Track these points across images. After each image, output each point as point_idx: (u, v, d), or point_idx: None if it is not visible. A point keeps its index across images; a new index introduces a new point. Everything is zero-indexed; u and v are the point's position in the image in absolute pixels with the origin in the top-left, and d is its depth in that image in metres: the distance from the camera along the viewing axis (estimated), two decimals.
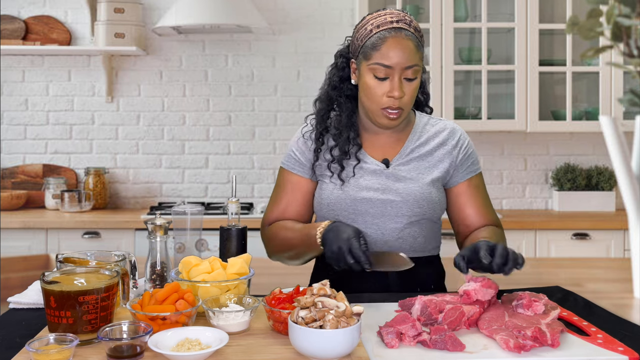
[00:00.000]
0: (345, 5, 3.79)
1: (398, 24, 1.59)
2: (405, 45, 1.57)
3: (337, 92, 1.72)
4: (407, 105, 1.61)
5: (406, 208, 1.65)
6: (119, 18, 3.60)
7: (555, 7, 3.68)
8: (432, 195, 1.67)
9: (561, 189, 3.69)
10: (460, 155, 1.71)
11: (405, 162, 1.69)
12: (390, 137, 1.71)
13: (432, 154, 1.70)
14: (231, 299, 1.35)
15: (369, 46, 1.59)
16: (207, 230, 1.84)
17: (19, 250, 3.24)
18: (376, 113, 1.63)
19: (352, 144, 1.68)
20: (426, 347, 1.19)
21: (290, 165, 1.74)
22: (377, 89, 1.59)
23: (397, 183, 1.66)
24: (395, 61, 1.56)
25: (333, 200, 1.67)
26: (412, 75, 1.59)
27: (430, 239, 1.72)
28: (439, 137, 1.72)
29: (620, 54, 1.10)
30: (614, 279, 1.89)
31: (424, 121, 1.75)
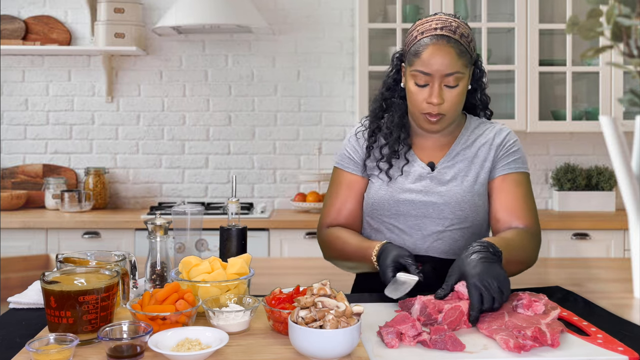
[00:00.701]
0: (345, 5, 3.79)
1: (442, 31, 1.59)
2: (446, 52, 1.57)
3: (391, 93, 1.75)
4: (448, 111, 1.62)
5: (448, 211, 1.65)
6: (119, 18, 3.60)
7: (555, 7, 3.68)
8: (475, 199, 1.66)
9: (561, 189, 3.69)
10: (501, 152, 1.69)
11: (450, 166, 1.69)
12: (439, 140, 1.73)
13: (477, 155, 1.69)
14: (231, 299, 1.35)
15: (412, 53, 1.61)
16: (207, 230, 1.84)
17: (19, 250, 3.24)
18: (418, 117, 1.65)
19: (402, 144, 1.70)
20: (426, 347, 1.19)
21: (344, 164, 1.77)
22: (418, 95, 1.61)
23: (440, 186, 1.67)
24: (434, 68, 1.57)
25: (377, 200, 1.70)
26: (454, 83, 1.59)
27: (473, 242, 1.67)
28: (484, 138, 1.71)
29: (620, 54, 1.10)
30: (614, 279, 1.89)
31: (474, 125, 1.75)
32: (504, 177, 1.67)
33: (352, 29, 3.76)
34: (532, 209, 1.67)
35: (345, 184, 1.76)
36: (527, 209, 1.65)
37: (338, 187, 1.77)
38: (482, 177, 1.68)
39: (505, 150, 1.69)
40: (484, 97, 1.77)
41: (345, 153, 1.78)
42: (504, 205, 1.65)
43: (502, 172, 1.68)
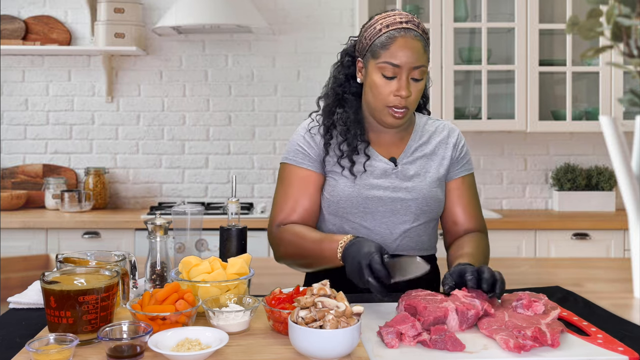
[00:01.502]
0: (345, 5, 3.79)
1: (407, 25, 1.61)
2: (413, 46, 1.59)
3: (343, 89, 1.73)
4: (412, 104, 1.63)
5: (415, 206, 1.67)
6: (119, 18, 3.60)
7: (555, 7, 3.68)
8: (438, 194, 1.70)
9: (561, 189, 3.69)
10: (457, 153, 1.74)
11: (411, 161, 1.70)
12: (394, 136, 1.73)
13: (435, 152, 1.73)
14: (231, 299, 1.35)
15: (378, 45, 1.61)
16: (207, 230, 1.84)
17: (19, 250, 3.24)
18: (382, 111, 1.64)
19: (360, 140, 1.69)
20: (426, 347, 1.19)
21: (298, 160, 1.70)
22: (385, 87, 1.61)
23: (406, 182, 1.68)
24: (404, 60, 1.58)
25: (344, 198, 1.66)
26: (419, 76, 1.61)
27: (432, 237, 1.76)
28: (439, 135, 1.75)
29: (620, 54, 1.10)
30: (614, 279, 1.89)
31: (423, 121, 1.78)
32: (462, 180, 1.74)
33: (352, 29, 3.76)
34: (480, 209, 1.78)
35: (298, 180, 1.69)
36: (479, 210, 1.76)
37: (290, 183, 1.69)
38: (442, 173, 1.72)
39: (459, 152, 1.75)
40: (425, 97, 1.82)
41: (299, 149, 1.71)
42: (462, 208, 1.73)
43: (460, 174, 1.74)
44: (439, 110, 3.47)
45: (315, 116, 1.76)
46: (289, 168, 1.71)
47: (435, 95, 3.47)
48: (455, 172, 1.74)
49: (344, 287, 1.39)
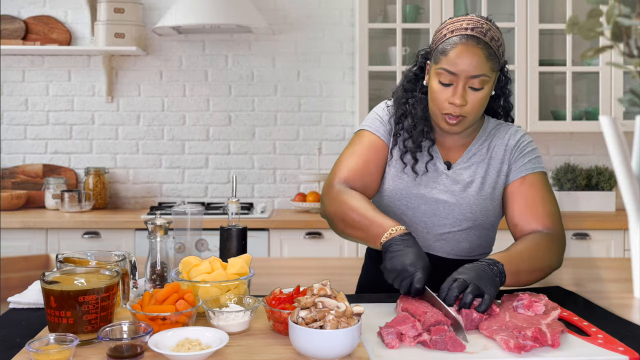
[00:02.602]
0: (345, 5, 3.79)
1: (472, 32, 1.56)
2: (474, 54, 1.53)
3: (412, 86, 1.70)
4: (469, 114, 1.58)
5: (458, 211, 1.64)
6: (119, 18, 3.60)
7: (555, 7, 3.68)
8: (487, 202, 1.65)
9: (561, 189, 3.69)
10: (516, 153, 1.67)
11: (466, 167, 1.67)
12: (457, 140, 1.69)
13: (492, 157, 1.67)
14: (231, 299, 1.35)
15: (440, 50, 1.58)
16: (207, 230, 1.84)
17: (19, 250, 3.24)
18: (438, 117, 1.61)
19: (426, 138, 1.66)
20: (426, 348, 1.19)
21: (374, 127, 1.69)
22: (441, 93, 1.57)
23: (455, 185, 1.65)
24: (460, 68, 1.54)
25: (393, 188, 1.66)
26: (479, 85, 1.55)
27: (476, 246, 1.69)
28: (500, 139, 1.69)
29: (620, 54, 1.10)
30: (614, 279, 1.89)
31: (492, 126, 1.72)
32: (522, 180, 1.64)
33: (352, 29, 3.76)
34: (551, 209, 1.63)
35: (371, 145, 1.67)
36: (546, 209, 1.62)
37: (361, 145, 1.67)
38: (499, 181, 1.66)
39: (520, 152, 1.66)
40: (506, 104, 1.74)
41: (378, 118, 1.70)
42: (522, 209, 1.62)
43: (519, 175, 1.65)
44: None
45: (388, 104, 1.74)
46: (364, 133, 1.70)
47: None
48: (514, 172, 1.66)
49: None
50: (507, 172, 1.67)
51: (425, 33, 3.65)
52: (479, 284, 1.34)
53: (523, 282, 1.52)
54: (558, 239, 1.61)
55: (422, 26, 3.53)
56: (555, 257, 1.59)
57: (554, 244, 1.59)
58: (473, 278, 1.35)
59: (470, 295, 1.31)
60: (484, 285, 1.35)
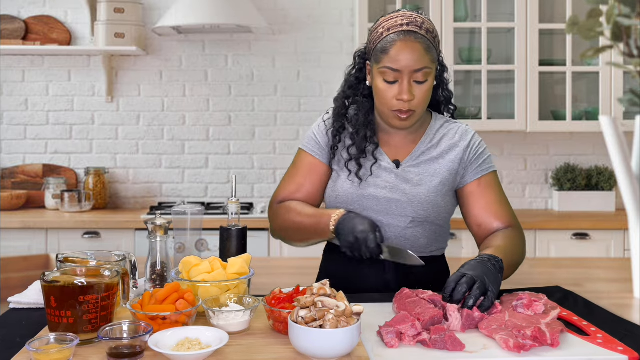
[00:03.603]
0: (345, 5, 3.79)
1: (408, 27, 1.58)
2: (413, 49, 1.56)
3: (354, 91, 1.74)
4: (418, 107, 1.62)
5: (410, 209, 1.66)
6: (119, 18, 3.60)
7: (555, 7, 3.68)
8: (438, 200, 1.67)
9: (561, 189, 3.69)
10: (469, 155, 1.70)
11: (415, 165, 1.69)
12: (405, 137, 1.72)
13: (442, 156, 1.70)
14: (231, 298, 1.35)
15: (379, 50, 1.60)
16: (207, 230, 1.84)
17: (19, 250, 3.24)
18: (388, 115, 1.64)
19: (369, 142, 1.69)
20: (426, 347, 1.19)
21: (309, 147, 1.75)
22: (387, 92, 1.60)
23: (405, 184, 1.67)
24: (403, 64, 1.57)
25: (342, 193, 1.69)
26: (422, 78, 1.59)
27: (434, 241, 1.72)
28: (451, 140, 1.72)
29: (620, 54, 1.10)
30: (614, 279, 1.89)
31: (439, 124, 1.75)
32: (479, 182, 1.69)
33: (352, 29, 3.76)
34: (508, 206, 1.70)
35: (306, 166, 1.75)
36: (504, 207, 1.69)
37: (299, 168, 1.76)
38: (450, 178, 1.69)
39: (473, 154, 1.70)
40: (446, 93, 1.78)
41: (313, 137, 1.76)
42: (484, 208, 1.68)
43: (475, 177, 1.69)
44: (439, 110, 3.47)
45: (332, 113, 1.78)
46: (301, 153, 1.78)
47: None
48: (470, 175, 1.69)
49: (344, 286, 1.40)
50: (462, 173, 1.70)
51: None
52: (485, 281, 1.35)
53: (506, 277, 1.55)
54: (521, 233, 1.68)
55: None
56: (524, 251, 1.66)
57: (521, 239, 1.67)
58: (480, 275, 1.36)
59: (477, 292, 1.33)
60: (490, 283, 1.36)
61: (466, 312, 1.30)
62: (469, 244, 2.69)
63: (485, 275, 1.37)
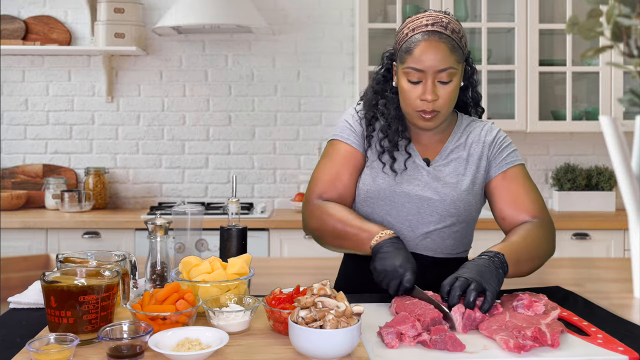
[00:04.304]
0: (345, 5, 3.79)
1: (433, 27, 1.57)
2: (437, 49, 1.55)
3: (382, 87, 1.72)
4: (443, 107, 1.60)
5: (442, 208, 1.65)
6: (119, 18, 3.60)
7: (555, 7, 3.68)
8: (469, 198, 1.66)
9: (561, 189, 3.69)
10: (494, 150, 1.69)
11: (445, 164, 1.68)
12: (433, 137, 1.71)
13: (471, 155, 1.69)
14: (231, 299, 1.35)
15: (404, 50, 1.60)
16: (207, 230, 1.84)
17: (19, 250, 3.24)
18: (412, 115, 1.63)
19: (401, 137, 1.68)
20: (426, 347, 1.19)
21: (344, 136, 1.70)
22: (411, 92, 1.59)
23: (437, 182, 1.66)
24: (427, 65, 1.56)
25: (375, 189, 1.66)
26: (447, 79, 1.57)
27: (459, 242, 1.71)
28: (476, 136, 1.71)
29: (620, 54, 1.10)
30: (614, 279, 1.89)
31: (465, 123, 1.74)
32: (504, 175, 1.67)
33: (352, 29, 3.76)
34: (535, 198, 1.66)
35: (342, 154, 1.69)
36: (530, 199, 1.65)
37: (334, 157, 1.70)
38: (479, 176, 1.68)
39: (497, 147, 1.69)
40: (475, 95, 1.77)
41: (347, 126, 1.72)
42: (507, 202, 1.65)
43: (500, 170, 1.67)
44: None
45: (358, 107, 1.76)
46: (336, 143, 1.72)
47: None
48: (494, 169, 1.68)
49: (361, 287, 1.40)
50: (487, 168, 1.69)
51: None
52: (481, 281, 1.34)
53: (524, 271, 1.53)
54: (548, 225, 1.64)
55: None
56: (549, 243, 1.62)
57: (546, 230, 1.62)
58: (475, 276, 1.36)
59: (473, 293, 1.32)
60: (486, 282, 1.35)
61: (467, 312, 1.30)
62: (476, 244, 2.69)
63: (480, 275, 1.36)
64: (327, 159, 1.71)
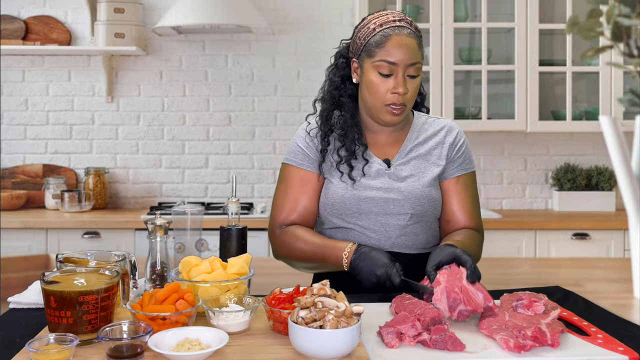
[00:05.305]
0: (345, 5, 3.79)
1: (400, 23, 1.63)
2: (408, 43, 1.61)
3: (339, 92, 1.74)
4: (409, 101, 1.65)
5: (408, 206, 1.67)
6: (119, 18, 3.60)
7: (555, 7, 3.68)
8: (432, 193, 1.70)
9: (561, 189, 3.69)
10: (454, 152, 1.73)
11: (405, 162, 1.71)
12: (390, 136, 1.74)
13: (430, 152, 1.73)
14: (231, 299, 1.35)
15: (373, 44, 1.62)
16: (207, 230, 1.84)
17: (19, 250, 3.24)
18: (380, 110, 1.65)
19: (358, 144, 1.70)
20: (426, 347, 1.19)
21: (297, 161, 1.73)
22: (381, 85, 1.62)
23: (399, 182, 1.68)
24: (399, 58, 1.60)
25: (338, 199, 1.68)
26: (415, 73, 1.63)
27: (431, 236, 1.75)
28: (437, 135, 1.75)
29: (620, 54, 1.10)
30: (614, 279, 1.89)
31: (422, 120, 1.78)
32: (457, 179, 1.73)
33: (352, 29, 3.75)
34: (478, 209, 1.77)
35: (297, 180, 1.72)
36: (475, 210, 1.75)
37: (289, 183, 1.73)
38: (437, 173, 1.72)
39: (457, 151, 1.74)
40: (422, 94, 1.83)
41: (299, 150, 1.74)
42: (456, 207, 1.73)
43: (455, 174, 1.73)
44: (439, 110, 3.47)
45: (313, 119, 1.77)
46: (289, 168, 1.75)
47: (435, 95, 3.47)
48: (450, 171, 1.73)
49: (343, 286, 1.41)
50: (444, 167, 1.73)
51: (425, 33, 3.65)
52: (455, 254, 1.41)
53: None
54: (482, 236, 1.76)
55: (422, 26, 3.52)
56: (480, 253, 1.73)
57: (480, 241, 1.73)
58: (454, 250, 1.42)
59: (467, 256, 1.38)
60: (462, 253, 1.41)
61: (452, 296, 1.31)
62: None
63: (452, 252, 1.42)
64: (284, 186, 1.75)
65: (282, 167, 1.77)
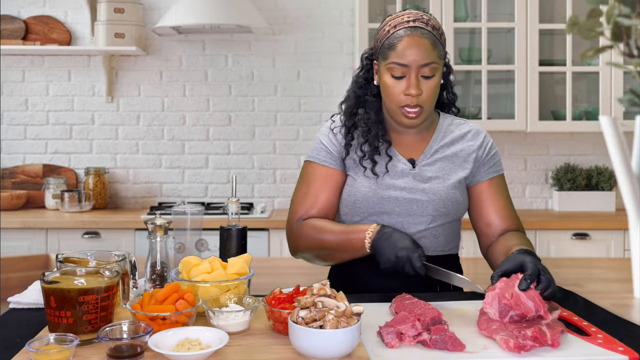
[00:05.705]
0: (345, 5, 3.79)
1: (414, 23, 1.61)
2: (420, 43, 1.59)
3: (363, 91, 1.74)
4: (426, 102, 1.62)
5: (432, 208, 1.66)
6: (119, 18, 3.60)
7: (555, 7, 3.68)
8: (457, 196, 1.68)
9: (561, 189, 3.69)
10: (483, 155, 1.72)
11: (430, 163, 1.70)
12: (415, 136, 1.73)
13: (457, 154, 1.71)
14: (231, 299, 1.35)
15: (386, 46, 1.62)
16: (207, 230, 1.84)
17: (19, 250, 3.24)
18: (396, 112, 1.65)
19: (382, 141, 1.69)
20: (426, 347, 1.19)
21: (320, 158, 1.72)
22: (395, 87, 1.61)
23: (423, 183, 1.67)
24: (410, 59, 1.58)
25: (361, 197, 1.67)
26: (430, 73, 1.60)
27: (451, 238, 1.73)
28: (463, 138, 1.73)
29: (620, 54, 1.10)
30: (614, 279, 1.89)
31: (448, 122, 1.76)
32: (490, 182, 1.72)
33: (352, 29, 3.76)
34: (515, 211, 1.75)
35: (320, 177, 1.71)
36: (513, 210, 1.74)
37: (312, 180, 1.72)
38: (463, 176, 1.70)
39: (486, 154, 1.73)
40: (450, 95, 1.79)
41: (322, 147, 1.73)
42: (494, 210, 1.70)
43: (487, 177, 1.72)
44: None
45: (338, 117, 1.78)
46: (312, 166, 1.74)
47: None
48: (482, 174, 1.72)
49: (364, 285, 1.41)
50: (473, 171, 1.71)
51: None
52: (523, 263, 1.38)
53: None
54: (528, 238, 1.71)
55: None
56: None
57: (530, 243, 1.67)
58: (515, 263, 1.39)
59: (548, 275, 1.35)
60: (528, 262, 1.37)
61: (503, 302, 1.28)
62: (468, 243, 2.69)
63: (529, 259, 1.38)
64: (305, 182, 1.74)
65: (304, 165, 1.77)
